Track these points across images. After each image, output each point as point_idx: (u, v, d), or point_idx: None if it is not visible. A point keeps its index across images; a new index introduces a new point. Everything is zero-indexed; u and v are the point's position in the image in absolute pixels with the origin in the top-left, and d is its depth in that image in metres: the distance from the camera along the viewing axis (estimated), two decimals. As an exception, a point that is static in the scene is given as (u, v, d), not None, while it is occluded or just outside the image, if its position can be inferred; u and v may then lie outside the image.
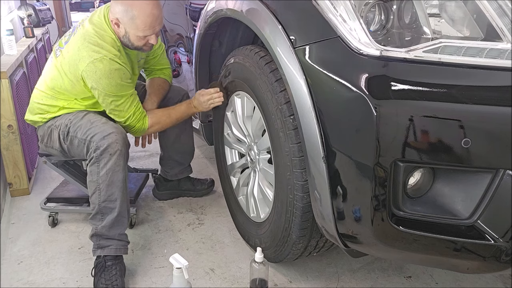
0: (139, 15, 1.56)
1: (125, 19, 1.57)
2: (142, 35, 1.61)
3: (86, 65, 1.55)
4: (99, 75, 1.56)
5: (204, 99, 1.77)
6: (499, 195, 0.98)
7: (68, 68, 1.61)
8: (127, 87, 1.64)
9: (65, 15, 5.89)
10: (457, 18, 1.01)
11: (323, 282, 1.59)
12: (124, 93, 1.63)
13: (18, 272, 1.65)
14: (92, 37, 1.58)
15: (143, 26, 1.58)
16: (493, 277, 1.61)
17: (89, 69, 1.55)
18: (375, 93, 1.00)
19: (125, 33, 1.61)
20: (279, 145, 1.34)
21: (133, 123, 1.71)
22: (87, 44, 1.57)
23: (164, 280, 1.60)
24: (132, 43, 1.64)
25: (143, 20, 1.57)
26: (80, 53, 1.56)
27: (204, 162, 2.64)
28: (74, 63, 1.58)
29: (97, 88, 1.59)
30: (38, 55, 3.37)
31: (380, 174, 1.03)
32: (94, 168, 1.56)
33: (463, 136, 0.95)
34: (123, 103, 1.65)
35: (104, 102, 1.64)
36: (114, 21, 1.59)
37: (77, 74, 1.59)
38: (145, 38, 1.63)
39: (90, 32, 1.59)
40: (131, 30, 1.59)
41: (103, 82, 1.57)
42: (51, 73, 1.68)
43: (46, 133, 1.73)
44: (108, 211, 1.57)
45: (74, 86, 1.64)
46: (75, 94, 1.67)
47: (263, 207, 1.61)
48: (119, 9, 1.57)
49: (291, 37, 1.18)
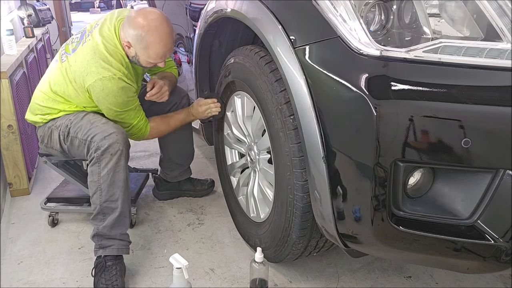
0: (153, 45, 1.55)
1: (138, 46, 1.56)
2: (153, 62, 1.62)
3: (94, 81, 1.55)
4: (106, 92, 1.56)
5: (202, 109, 1.81)
6: (499, 195, 0.98)
7: (74, 78, 1.61)
8: (132, 101, 1.65)
9: (65, 15, 5.89)
10: (457, 18, 1.01)
11: (323, 282, 1.59)
12: (129, 108, 1.65)
13: (18, 272, 1.65)
14: (102, 52, 1.57)
15: (155, 56, 1.59)
16: (493, 277, 1.61)
17: (96, 85, 1.55)
18: (375, 93, 1.00)
19: (135, 55, 1.61)
20: (279, 145, 1.34)
21: (134, 131, 1.73)
22: (96, 59, 1.55)
23: (164, 280, 1.60)
24: (140, 64, 1.65)
25: (155, 51, 1.58)
26: (89, 67, 1.56)
27: (204, 162, 2.64)
28: (81, 76, 1.58)
29: (103, 103, 1.60)
30: (38, 55, 3.37)
31: (380, 174, 1.03)
32: (95, 169, 1.56)
33: (463, 136, 0.95)
34: (127, 116, 1.67)
35: (109, 115, 1.65)
36: (125, 43, 1.58)
37: (83, 86, 1.59)
38: (154, 64, 1.65)
39: (100, 46, 1.57)
40: (142, 56, 1.60)
41: (109, 100, 1.58)
42: (56, 77, 1.67)
43: (46, 133, 1.73)
44: (110, 211, 1.57)
45: (78, 95, 1.64)
46: (78, 102, 1.67)
47: (263, 207, 1.62)
48: (132, 34, 1.54)
49: (291, 37, 1.18)
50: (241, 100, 1.65)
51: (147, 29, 1.53)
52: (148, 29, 1.53)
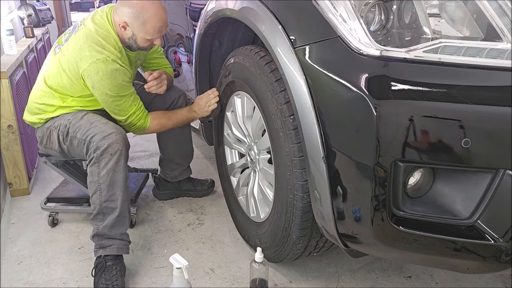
0: (150, 20, 1.59)
1: (135, 24, 1.59)
2: (150, 38, 1.64)
3: (88, 64, 1.55)
4: (100, 75, 1.56)
5: (202, 101, 1.80)
6: (499, 195, 0.98)
7: (67, 66, 1.61)
8: (127, 87, 1.65)
9: (65, 15, 5.90)
10: (457, 18, 1.01)
11: (323, 282, 1.59)
12: (124, 93, 1.64)
13: (18, 272, 1.65)
14: (95, 37, 1.59)
15: (153, 30, 1.62)
16: (493, 277, 1.61)
17: (91, 69, 1.56)
18: (375, 93, 1.00)
19: (132, 36, 1.63)
20: (279, 145, 1.34)
21: (134, 121, 1.71)
22: (89, 43, 1.57)
23: (164, 280, 1.60)
24: (137, 45, 1.66)
25: (153, 25, 1.61)
26: (82, 52, 1.57)
27: (204, 162, 2.64)
28: (75, 62, 1.58)
29: (98, 88, 1.59)
30: (38, 55, 3.37)
31: (380, 174, 1.03)
32: (94, 169, 1.56)
33: (463, 136, 0.95)
34: (124, 103, 1.65)
35: (105, 102, 1.64)
36: (121, 24, 1.60)
37: (77, 73, 1.59)
38: (151, 40, 1.66)
39: (93, 31, 1.60)
40: (140, 33, 1.62)
41: (104, 83, 1.57)
42: (50, 70, 1.69)
43: (45, 134, 1.73)
44: (109, 211, 1.57)
45: (73, 84, 1.64)
46: (72, 92, 1.66)
47: (263, 207, 1.61)
48: (128, 12, 1.58)
49: (291, 37, 1.18)
50: (241, 100, 1.65)
51: (141, 5, 1.58)
52: (142, 5, 1.58)
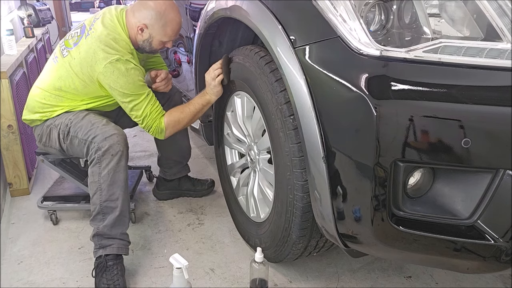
0: (171, 22, 1.64)
1: (156, 26, 1.63)
2: (167, 40, 1.68)
3: (104, 66, 1.57)
4: (116, 74, 1.57)
5: (209, 77, 1.71)
6: (499, 195, 0.98)
7: (80, 69, 1.62)
8: (143, 86, 1.65)
9: (65, 15, 5.89)
10: (457, 18, 1.01)
11: (323, 282, 1.59)
12: (141, 92, 1.63)
13: (18, 272, 1.65)
14: (107, 40, 1.60)
15: (171, 33, 1.67)
16: (493, 277, 1.61)
17: (106, 70, 1.57)
18: (375, 93, 1.00)
19: (149, 38, 1.66)
20: (279, 145, 1.34)
21: (149, 123, 1.67)
22: (103, 46, 1.58)
23: (164, 280, 1.60)
24: (151, 47, 1.70)
25: (173, 28, 1.66)
26: (96, 55, 1.58)
27: (204, 162, 2.64)
28: (89, 65, 1.59)
29: (115, 88, 1.60)
30: (38, 55, 3.37)
31: (380, 174, 1.03)
32: (95, 169, 1.56)
33: (463, 136, 0.95)
34: (140, 102, 1.63)
35: (123, 103, 1.64)
36: (140, 26, 1.63)
37: (92, 76, 1.61)
38: (165, 43, 1.70)
39: (105, 34, 1.61)
40: (158, 35, 1.65)
41: (121, 81, 1.58)
42: (59, 73, 1.68)
43: (45, 132, 1.73)
44: (109, 210, 1.57)
45: (87, 86, 1.65)
46: (86, 94, 1.68)
47: (263, 207, 1.61)
48: (149, 14, 1.62)
49: (291, 37, 1.18)
50: (241, 100, 1.65)
51: (164, 7, 1.63)
52: (165, 7, 1.63)
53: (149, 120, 1.67)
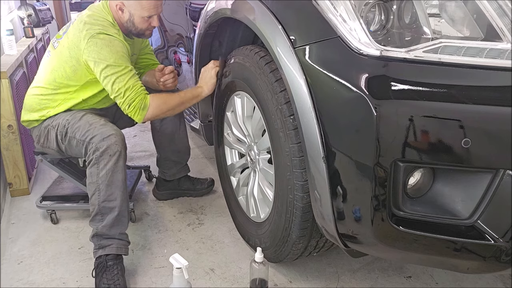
0: None
1: (131, 1, 1.63)
2: (147, 14, 1.67)
3: (87, 41, 1.58)
4: (100, 45, 1.58)
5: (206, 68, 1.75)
6: (499, 195, 0.98)
7: (68, 53, 1.64)
8: (127, 60, 1.63)
9: (65, 15, 5.89)
10: (457, 18, 1.01)
11: (323, 282, 1.59)
12: (125, 64, 1.60)
13: (18, 272, 1.65)
14: (91, 21, 1.63)
15: (148, 5, 1.65)
16: (493, 277, 1.61)
17: (90, 44, 1.58)
18: (375, 93, 1.00)
19: (130, 17, 1.67)
20: (279, 145, 1.34)
21: (132, 95, 1.59)
22: (87, 26, 1.61)
23: (164, 280, 1.60)
24: (136, 27, 1.70)
25: (148, 0, 1.65)
26: (80, 34, 1.60)
27: (204, 162, 2.64)
28: (75, 45, 1.61)
29: (99, 60, 1.57)
30: (38, 55, 3.37)
31: (380, 174, 1.03)
32: (93, 170, 1.56)
33: (463, 136, 0.95)
34: (124, 74, 1.58)
35: (106, 77, 1.58)
36: (118, 5, 1.65)
37: (79, 56, 1.61)
38: (149, 20, 1.69)
39: (90, 18, 1.64)
40: (137, 11, 1.65)
41: (104, 52, 1.58)
42: (51, 65, 1.70)
43: (42, 133, 1.73)
44: (108, 210, 1.57)
45: (76, 70, 1.65)
46: (77, 80, 1.68)
47: (263, 207, 1.61)
48: None
49: (291, 37, 1.18)
50: (241, 100, 1.65)
51: None
52: None
53: (132, 92, 1.59)
